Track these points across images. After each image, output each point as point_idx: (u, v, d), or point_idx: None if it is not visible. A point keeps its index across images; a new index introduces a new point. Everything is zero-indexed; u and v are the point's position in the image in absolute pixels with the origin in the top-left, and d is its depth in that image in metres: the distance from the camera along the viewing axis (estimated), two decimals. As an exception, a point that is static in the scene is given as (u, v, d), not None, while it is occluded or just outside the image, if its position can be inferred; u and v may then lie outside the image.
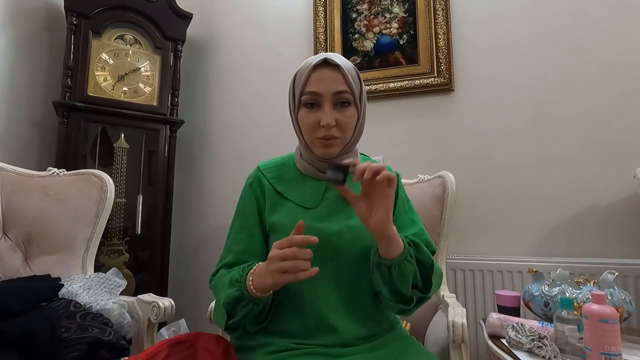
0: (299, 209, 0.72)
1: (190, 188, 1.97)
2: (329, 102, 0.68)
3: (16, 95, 1.59)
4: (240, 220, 0.76)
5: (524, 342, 0.87)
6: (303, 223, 0.59)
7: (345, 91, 0.69)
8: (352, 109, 0.70)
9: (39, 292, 0.89)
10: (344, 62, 0.70)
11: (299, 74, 0.72)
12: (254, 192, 0.76)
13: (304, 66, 0.71)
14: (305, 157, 0.75)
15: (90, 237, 1.23)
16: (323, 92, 0.68)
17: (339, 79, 0.68)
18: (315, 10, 1.77)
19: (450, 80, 1.54)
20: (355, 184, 0.66)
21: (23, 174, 1.27)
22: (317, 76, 0.69)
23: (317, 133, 0.69)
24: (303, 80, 0.69)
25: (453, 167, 1.40)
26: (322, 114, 0.68)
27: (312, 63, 0.69)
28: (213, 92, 1.99)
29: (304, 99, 0.69)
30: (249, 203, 0.76)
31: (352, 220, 0.69)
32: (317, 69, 0.69)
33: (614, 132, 1.34)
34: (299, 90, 0.70)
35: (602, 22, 1.39)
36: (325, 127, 0.67)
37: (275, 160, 0.81)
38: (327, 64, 0.69)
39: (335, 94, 0.68)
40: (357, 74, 0.73)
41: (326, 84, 0.68)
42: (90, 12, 1.61)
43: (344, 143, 0.71)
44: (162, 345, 0.63)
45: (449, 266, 1.37)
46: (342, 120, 0.69)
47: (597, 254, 1.30)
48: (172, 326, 1.59)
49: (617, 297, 0.95)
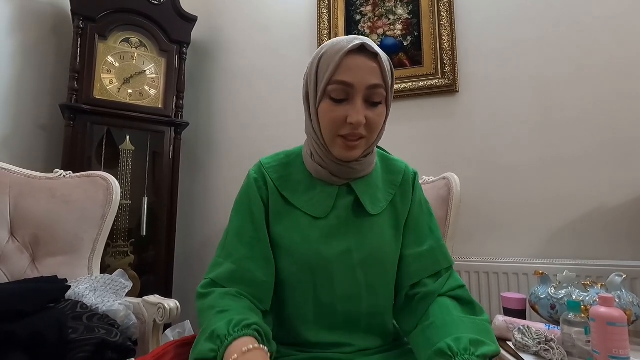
0: (307, 219, 0.64)
1: (195, 190, 1.98)
2: (361, 96, 0.58)
3: (23, 98, 1.61)
4: (243, 220, 0.65)
5: (530, 345, 0.87)
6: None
7: (380, 86, 0.59)
8: (382, 107, 0.61)
9: (48, 293, 0.89)
10: (381, 52, 0.60)
11: (325, 57, 0.60)
12: (259, 190, 0.66)
13: (334, 49, 0.59)
14: (319, 158, 0.65)
15: (97, 238, 1.23)
16: (356, 83, 0.57)
17: (375, 71, 0.58)
18: (319, 13, 1.78)
19: (455, 82, 1.54)
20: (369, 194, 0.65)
21: (30, 176, 1.28)
22: (351, 63, 0.57)
23: (342, 130, 0.59)
24: (333, 66, 0.57)
25: (458, 168, 1.40)
26: (352, 109, 0.58)
27: (345, 47, 0.57)
28: (218, 94, 2.00)
29: (332, 89, 0.58)
30: (255, 202, 0.66)
31: (363, 236, 0.64)
32: (351, 55, 0.57)
33: (621, 133, 1.33)
34: (326, 78, 0.58)
35: (607, 23, 1.38)
36: (354, 124, 0.58)
37: (279, 158, 0.70)
38: (364, 51, 0.58)
39: (369, 87, 0.58)
40: (392, 68, 0.63)
41: (361, 74, 0.57)
42: (96, 16, 1.63)
43: (369, 144, 0.63)
44: (168, 347, 0.64)
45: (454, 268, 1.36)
46: (373, 118, 0.60)
47: (605, 256, 1.29)
48: (177, 327, 1.60)
49: (625, 300, 0.94)
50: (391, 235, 0.66)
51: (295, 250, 0.63)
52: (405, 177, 0.72)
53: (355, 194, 0.66)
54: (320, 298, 0.63)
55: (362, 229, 0.64)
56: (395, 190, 0.69)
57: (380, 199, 0.67)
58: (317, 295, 0.63)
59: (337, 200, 0.65)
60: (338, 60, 0.57)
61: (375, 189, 0.67)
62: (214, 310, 0.56)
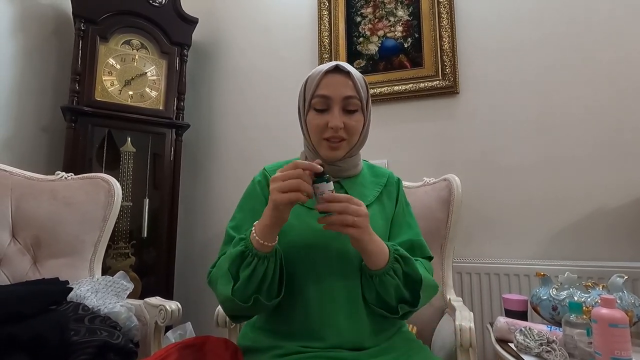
0: (303, 209, 0.72)
1: (196, 191, 1.98)
2: (338, 105, 0.72)
3: (25, 100, 1.61)
4: (245, 214, 0.75)
5: (532, 346, 0.87)
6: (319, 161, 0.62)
7: (354, 97, 0.72)
8: (359, 114, 0.74)
9: (50, 295, 0.89)
10: (353, 71, 0.74)
11: (310, 78, 0.75)
12: (262, 190, 0.77)
13: (316, 72, 0.74)
14: (311, 159, 0.73)
15: (98, 240, 1.23)
16: (333, 96, 0.71)
17: (349, 85, 0.72)
18: (320, 15, 1.78)
19: (455, 83, 1.54)
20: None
21: (32, 178, 1.28)
22: (328, 81, 0.72)
23: (325, 133, 0.72)
24: (314, 84, 0.72)
25: (458, 169, 1.40)
26: (331, 116, 0.71)
27: (323, 69, 0.73)
28: (218, 96, 2.00)
29: (315, 101, 0.72)
30: (258, 201, 0.76)
31: None
32: (328, 75, 0.72)
33: (621, 134, 1.33)
34: (310, 94, 0.73)
35: (607, 23, 1.38)
36: (333, 128, 0.70)
37: (279, 164, 0.81)
38: (339, 71, 0.72)
39: (344, 98, 0.71)
40: (366, 83, 0.76)
41: (337, 88, 0.71)
42: (97, 18, 1.64)
43: (350, 146, 0.75)
44: (170, 349, 0.64)
45: (455, 269, 1.36)
46: (350, 124, 0.72)
47: (606, 257, 1.29)
48: (178, 329, 1.59)
49: (627, 301, 0.94)
50: (380, 221, 0.76)
51: (291, 230, 0.69)
52: (390, 180, 0.83)
53: (344, 191, 0.76)
54: (320, 275, 0.69)
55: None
56: (381, 188, 0.80)
57: (367, 195, 0.78)
58: (317, 272, 0.69)
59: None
60: (319, 78, 0.72)
61: (363, 187, 0.79)
62: (225, 257, 0.66)
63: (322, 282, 0.68)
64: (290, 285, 0.68)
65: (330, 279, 0.69)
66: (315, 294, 0.68)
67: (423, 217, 1.21)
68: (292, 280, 0.69)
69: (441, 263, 1.18)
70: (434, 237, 1.19)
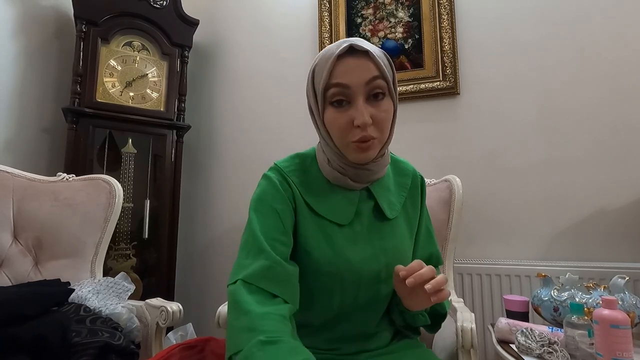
0: (332, 226, 0.63)
1: (197, 192, 1.99)
2: (362, 95, 0.57)
3: (26, 101, 1.62)
4: (269, 218, 0.61)
5: (533, 347, 0.86)
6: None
7: (378, 77, 0.57)
8: (387, 101, 0.59)
9: (51, 296, 0.90)
10: (372, 48, 0.59)
11: (318, 67, 0.60)
12: (285, 192, 0.64)
13: (324, 57, 0.59)
14: (336, 165, 0.64)
15: (99, 241, 1.24)
16: (353, 83, 0.57)
17: (369, 66, 0.57)
18: (320, 16, 1.79)
19: (456, 84, 1.54)
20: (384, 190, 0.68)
21: (33, 179, 1.29)
22: (343, 66, 0.57)
23: (352, 135, 0.58)
24: (326, 72, 0.57)
25: (459, 170, 1.40)
26: (356, 111, 0.57)
27: (334, 52, 0.57)
28: (219, 97, 2.01)
29: (331, 94, 0.58)
30: (281, 201, 0.63)
31: (387, 241, 0.66)
32: (341, 59, 0.57)
33: (622, 135, 1.33)
34: (322, 86, 0.58)
35: (607, 24, 1.38)
36: (361, 127, 0.57)
37: (294, 161, 0.69)
38: (353, 52, 0.57)
39: (367, 82, 0.57)
40: (389, 59, 0.61)
41: (355, 74, 0.57)
42: (99, 20, 1.64)
43: (382, 143, 0.61)
44: (172, 350, 0.63)
45: (456, 270, 1.36)
46: (379, 116, 0.58)
47: (607, 258, 1.29)
48: (179, 330, 1.60)
49: (628, 302, 0.94)
50: (408, 238, 0.69)
51: (324, 258, 0.62)
52: (414, 181, 0.73)
53: (374, 199, 0.67)
54: (345, 301, 0.64)
55: (384, 233, 0.66)
56: (406, 193, 0.71)
57: (395, 202, 0.68)
58: (342, 299, 0.64)
59: (359, 206, 0.66)
60: (330, 65, 0.57)
61: (389, 192, 0.69)
62: (256, 335, 0.48)
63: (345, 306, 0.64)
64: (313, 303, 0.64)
65: (354, 302, 0.65)
66: (335, 319, 0.65)
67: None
68: (318, 301, 0.64)
69: (441, 270, 1.18)
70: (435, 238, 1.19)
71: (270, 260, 0.57)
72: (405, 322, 0.69)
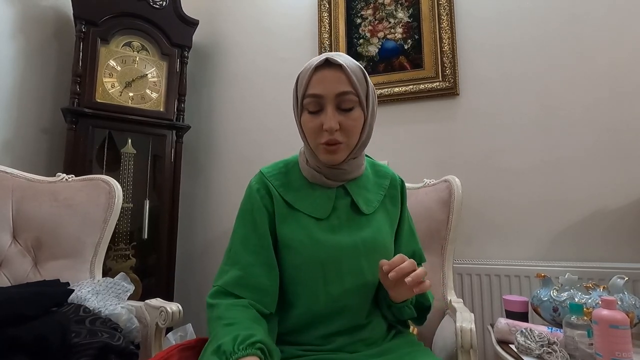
0: (310, 220, 0.69)
1: (196, 193, 1.98)
2: (332, 104, 0.64)
3: (25, 101, 1.62)
4: (247, 228, 0.69)
5: (533, 347, 0.87)
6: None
7: (349, 92, 0.64)
8: (357, 111, 0.66)
9: (51, 297, 0.89)
10: (347, 61, 0.65)
11: (300, 76, 0.69)
12: (262, 199, 0.70)
13: (306, 68, 0.67)
14: (312, 164, 0.71)
15: (99, 242, 1.23)
16: (325, 94, 0.64)
17: (342, 79, 0.64)
18: (320, 16, 1.79)
19: (455, 85, 1.54)
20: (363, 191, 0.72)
21: (33, 179, 1.29)
22: (319, 78, 0.65)
23: (321, 138, 0.65)
24: (305, 82, 0.66)
25: (459, 171, 1.40)
26: (325, 117, 0.64)
27: (313, 64, 0.65)
28: (219, 97, 2.01)
29: (306, 102, 0.66)
30: (258, 211, 0.70)
31: (364, 231, 0.70)
32: (318, 70, 0.65)
33: (622, 135, 1.34)
34: (301, 93, 0.67)
35: (607, 24, 1.39)
36: (328, 131, 0.64)
37: (277, 166, 0.76)
38: (330, 64, 0.64)
39: (338, 95, 0.64)
40: (363, 73, 0.68)
41: (328, 85, 0.64)
42: (98, 20, 1.64)
43: (350, 148, 0.68)
44: (172, 350, 0.64)
45: (455, 270, 1.36)
46: (346, 123, 0.65)
47: (606, 259, 1.29)
48: (178, 331, 1.59)
49: (627, 302, 0.95)
50: (388, 231, 0.74)
51: (303, 248, 0.67)
52: (393, 183, 0.79)
53: (350, 196, 0.72)
54: (330, 292, 0.67)
55: (361, 225, 0.71)
56: (384, 192, 0.77)
57: (372, 200, 0.74)
58: (327, 290, 0.67)
59: (336, 201, 0.72)
60: (308, 76, 0.65)
61: (366, 191, 0.75)
62: (221, 322, 0.60)
63: (332, 295, 0.67)
64: (299, 297, 0.69)
65: (340, 292, 0.67)
66: (324, 308, 0.67)
67: (423, 218, 1.21)
68: (303, 294, 0.68)
69: (442, 264, 1.18)
70: (434, 238, 1.19)
71: (243, 271, 0.66)
72: (394, 316, 0.72)
